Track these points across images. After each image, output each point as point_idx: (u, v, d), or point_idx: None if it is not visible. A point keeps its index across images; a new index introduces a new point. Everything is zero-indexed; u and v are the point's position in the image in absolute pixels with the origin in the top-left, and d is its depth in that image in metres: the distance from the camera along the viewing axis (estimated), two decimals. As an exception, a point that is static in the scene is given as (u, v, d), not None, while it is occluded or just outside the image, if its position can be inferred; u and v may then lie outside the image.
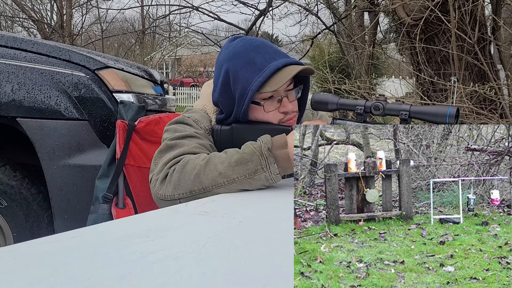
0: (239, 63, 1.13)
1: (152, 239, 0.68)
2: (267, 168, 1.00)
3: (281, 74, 1.10)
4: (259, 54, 1.13)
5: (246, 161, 1.01)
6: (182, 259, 0.59)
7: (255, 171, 1.00)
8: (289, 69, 1.11)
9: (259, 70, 1.10)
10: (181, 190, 1.02)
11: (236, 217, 0.81)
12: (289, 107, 1.17)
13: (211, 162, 1.02)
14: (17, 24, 13.34)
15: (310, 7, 6.59)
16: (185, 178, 1.02)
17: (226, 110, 1.17)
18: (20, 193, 1.82)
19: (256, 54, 1.13)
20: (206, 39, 8.25)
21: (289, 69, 1.11)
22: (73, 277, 0.53)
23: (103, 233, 0.73)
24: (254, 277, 0.55)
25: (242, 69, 1.12)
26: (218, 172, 1.00)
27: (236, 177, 1.00)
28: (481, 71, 3.25)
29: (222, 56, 1.18)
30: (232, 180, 1.01)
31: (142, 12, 15.11)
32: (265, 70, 1.10)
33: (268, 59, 1.12)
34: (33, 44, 1.85)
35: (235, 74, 1.12)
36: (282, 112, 1.16)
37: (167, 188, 1.03)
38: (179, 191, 1.02)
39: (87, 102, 1.81)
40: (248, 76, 1.11)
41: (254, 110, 1.15)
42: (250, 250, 0.64)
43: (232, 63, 1.13)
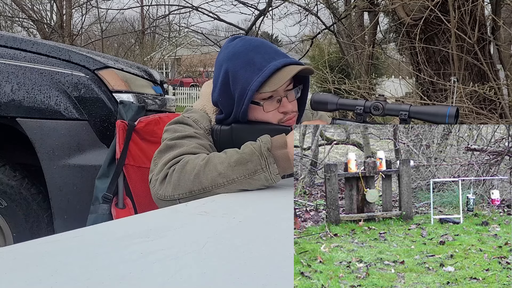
0: (238, 63, 1.13)
1: (152, 239, 0.67)
2: (266, 168, 1.00)
3: (281, 74, 1.10)
4: (259, 54, 1.13)
5: (246, 161, 1.00)
6: (182, 259, 0.59)
7: (255, 171, 1.00)
8: (289, 69, 1.11)
9: (258, 70, 1.10)
10: (180, 190, 1.02)
11: (236, 217, 0.81)
12: (289, 107, 1.17)
13: (211, 162, 1.02)
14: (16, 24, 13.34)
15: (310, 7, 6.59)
16: (184, 178, 1.02)
17: (225, 110, 1.17)
18: (20, 193, 1.81)
19: (255, 54, 1.13)
20: (206, 39, 8.25)
21: (288, 69, 1.11)
22: (73, 277, 0.53)
23: (103, 233, 0.73)
24: (254, 277, 0.55)
25: (241, 69, 1.12)
26: (217, 172, 1.00)
27: (236, 177, 1.00)
28: (481, 71, 3.25)
29: (221, 56, 1.18)
30: (232, 180, 1.00)
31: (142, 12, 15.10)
32: (265, 70, 1.10)
33: (268, 59, 1.12)
34: (33, 44, 1.85)
35: (234, 74, 1.12)
36: (282, 112, 1.17)
37: (167, 188, 1.03)
38: (178, 191, 1.02)
39: (87, 102, 1.81)
40: (248, 76, 1.11)
41: (254, 110, 1.15)
42: (250, 250, 0.64)
43: (232, 63, 1.13)
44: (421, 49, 3.42)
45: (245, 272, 0.56)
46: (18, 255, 0.60)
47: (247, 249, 0.65)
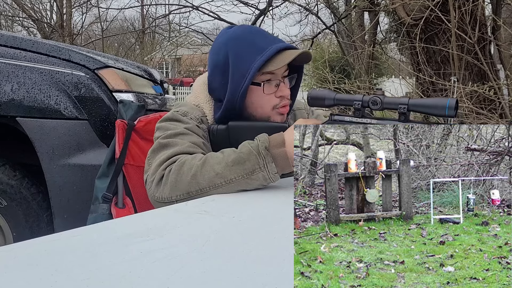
0: (240, 44, 1.14)
1: (152, 238, 0.67)
2: (265, 167, 0.99)
3: (283, 55, 1.12)
4: (260, 37, 1.16)
5: (244, 160, 0.99)
6: (182, 258, 0.59)
7: (253, 171, 0.99)
8: (290, 52, 1.13)
9: (261, 50, 1.12)
10: (178, 191, 1.00)
11: (236, 217, 0.81)
12: (286, 91, 1.19)
13: (208, 163, 1.00)
14: (17, 23, 13.34)
15: (310, 7, 6.59)
16: (181, 179, 1.00)
17: (224, 96, 1.16)
18: (20, 192, 1.81)
19: (257, 37, 1.16)
20: (206, 39, 8.25)
21: (290, 52, 1.13)
22: (73, 276, 0.53)
23: (103, 232, 0.73)
24: (254, 277, 0.55)
25: (243, 50, 1.13)
26: (215, 173, 0.99)
27: (234, 177, 0.99)
28: (481, 71, 3.25)
29: (220, 40, 1.19)
30: (230, 180, 0.99)
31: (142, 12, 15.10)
32: (268, 50, 1.12)
33: (269, 42, 1.14)
34: (33, 43, 1.85)
35: (236, 54, 1.13)
36: (279, 97, 1.18)
37: (164, 190, 1.01)
38: (176, 193, 1.00)
39: (87, 101, 1.81)
40: (250, 56, 1.12)
41: (253, 92, 1.16)
42: (250, 249, 0.64)
43: (233, 45, 1.15)
44: (421, 49, 3.42)
45: (245, 271, 0.56)
46: (18, 254, 0.60)
47: (247, 248, 0.65)
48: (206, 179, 0.99)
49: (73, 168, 1.75)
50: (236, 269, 0.57)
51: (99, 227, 0.77)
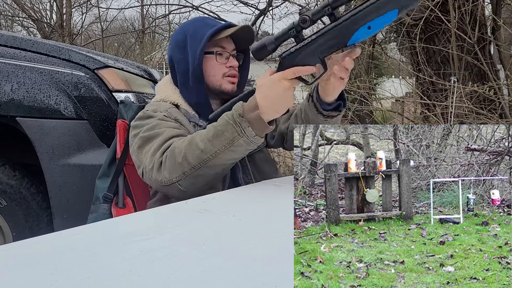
0: (196, 23, 1.34)
1: (152, 237, 0.67)
2: (243, 133, 1.03)
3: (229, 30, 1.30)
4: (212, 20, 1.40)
5: (222, 132, 1.05)
6: (182, 257, 0.59)
7: (233, 139, 1.04)
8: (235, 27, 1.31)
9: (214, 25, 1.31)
10: (175, 173, 1.09)
11: (236, 215, 0.81)
12: (235, 63, 1.34)
13: (193, 142, 1.08)
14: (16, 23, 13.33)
15: (310, 7, 6.58)
16: (175, 162, 1.08)
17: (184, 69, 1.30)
18: (19, 192, 1.81)
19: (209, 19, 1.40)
20: (206, 39, 8.22)
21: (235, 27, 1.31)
22: (73, 275, 0.53)
23: (103, 231, 0.72)
24: (254, 276, 0.54)
25: (198, 27, 1.31)
26: (200, 150, 1.06)
27: (218, 150, 1.05)
28: (481, 71, 3.25)
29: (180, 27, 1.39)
30: (215, 153, 1.06)
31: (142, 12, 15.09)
32: (219, 23, 1.33)
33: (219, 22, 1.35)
34: (33, 43, 1.85)
35: (193, 31, 1.30)
36: (229, 67, 1.32)
37: (164, 174, 1.10)
38: (174, 175, 1.09)
39: (87, 101, 1.80)
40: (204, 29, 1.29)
41: (207, 61, 1.30)
42: (250, 249, 0.64)
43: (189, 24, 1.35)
44: (421, 49, 3.42)
45: (245, 271, 0.56)
46: (18, 253, 0.60)
47: (247, 247, 0.64)
48: (194, 157, 1.06)
49: (73, 168, 1.74)
50: (236, 268, 0.57)
51: (99, 226, 0.77)
